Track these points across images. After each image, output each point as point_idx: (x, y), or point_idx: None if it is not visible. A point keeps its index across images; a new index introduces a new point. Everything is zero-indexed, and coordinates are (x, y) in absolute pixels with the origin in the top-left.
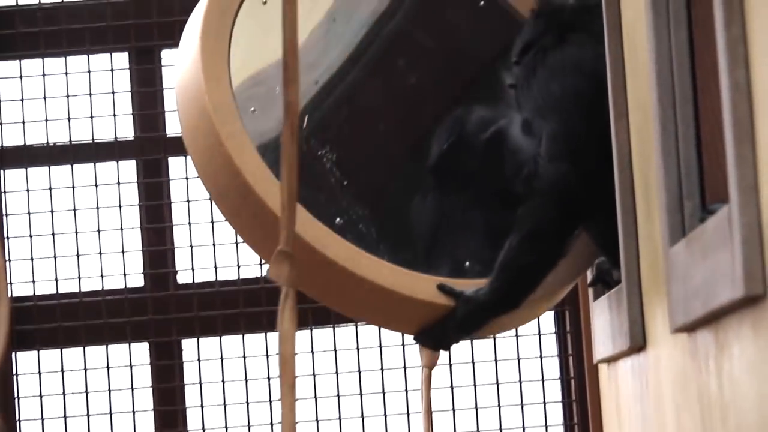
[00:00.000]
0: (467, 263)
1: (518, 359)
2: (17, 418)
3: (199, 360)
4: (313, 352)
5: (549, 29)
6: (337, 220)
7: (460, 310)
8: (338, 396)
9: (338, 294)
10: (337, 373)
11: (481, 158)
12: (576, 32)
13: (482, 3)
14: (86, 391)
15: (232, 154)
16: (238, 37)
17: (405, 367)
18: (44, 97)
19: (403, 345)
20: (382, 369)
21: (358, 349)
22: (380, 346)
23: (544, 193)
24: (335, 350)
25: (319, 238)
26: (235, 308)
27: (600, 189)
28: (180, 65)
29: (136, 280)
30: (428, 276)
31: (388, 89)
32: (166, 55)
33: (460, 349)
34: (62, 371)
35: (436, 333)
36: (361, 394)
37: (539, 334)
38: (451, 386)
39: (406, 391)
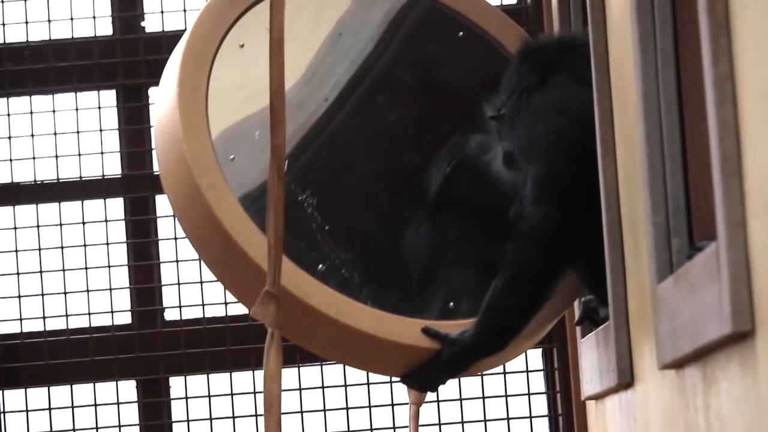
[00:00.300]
0: (452, 303)
1: (506, 396)
2: None
3: (186, 397)
4: (300, 390)
5: (532, 71)
6: (320, 266)
7: (445, 353)
8: None
9: (322, 341)
10: (324, 410)
11: (485, 179)
12: (559, 73)
13: (461, 34)
14: (74, 429)
15: (212, 205)
16: (217, 82)
17: (393, 405)
18: (32, 135)
19: (391, 382)
20: (369, 406)
21: (346, 386)
22: (368, 383)
23: (529, 236)
24: (323, 387)
25: (300, 286)
26: (223, 346)
27: (586, 229)
28: (158, 113)
29: (124, 318)
30: (413, 319)
31: (368, 129)
32: (154, 93)
33: (448, 385)
34: (50, 409)
35: (423, 375)
36: (348, 430)
37: (527, 371)
38: (439, 423)
39: (394, 428)
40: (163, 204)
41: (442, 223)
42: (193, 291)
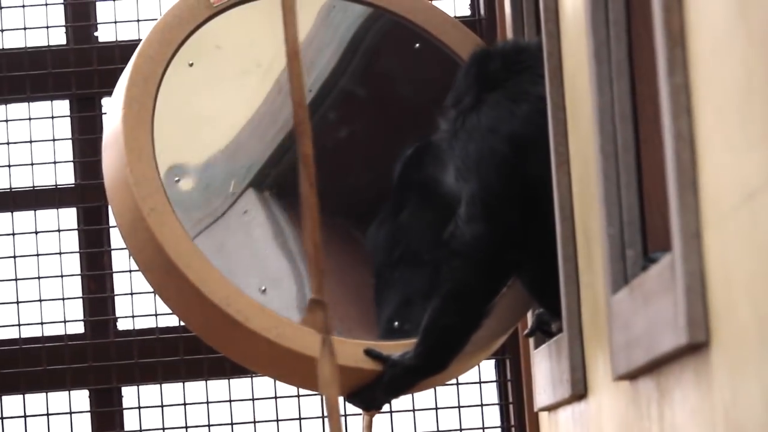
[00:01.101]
0: (396, 323)
1: (459, 407)
2: None
3: (139, 407)
4: (253, 400)
5: (469, 89)
6: (263, 287)
7: (387, 374)
8: None
9: (264, 363)
10: (278, 420)
11: (446, 162)
12: (494, 91)
13: (417, 45)
14: None
15: (154, 229)
16: (164, 102)
17: (346, 415)
18: None
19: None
20: (323, 416)
21: (298, 396)
22: (320, 394)
23: (462, 255)
24: (276, 397)
25: (241, 311)
26: (176, 355)
27: (527, 244)
28: (105, 134)
29: (77, 327)
30: (355, 341)
31: (320, 146)
32: (107, 102)
33: (402, 397)
34: (2, 418)
35: (366, 395)
36: None
37: (480, 382)
38: None
39: None
40: None
41: (393, 233)
42: (146, 301)
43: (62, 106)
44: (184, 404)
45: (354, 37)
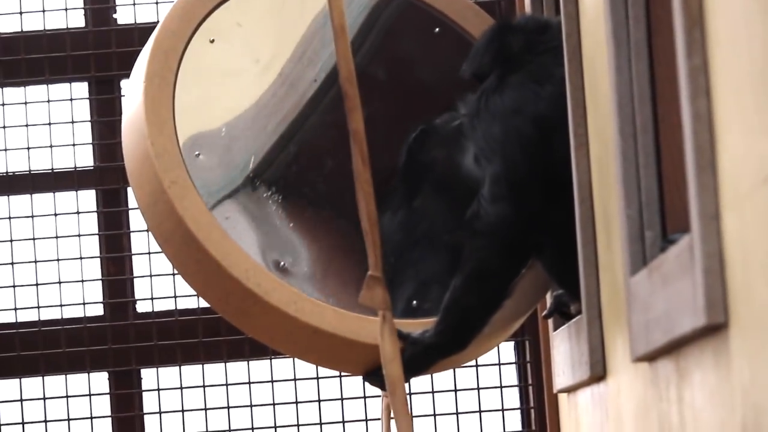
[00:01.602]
0: (415, 302)
1: (478, 389)
2: None
3: (158, 389)
4: (272, 382)
5: (492, 66)
6: (282, 263)
7: (406, 353)
8: (298, 425)
9: (282, 338)
10: (297, 402)
11: (449, 144)
12: (517, 73)
13: (437, 30)
14: (45, 421)
15: (175, 201)
16: (185, 77)
17: (365, 397)
18: (3, 127)
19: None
20: (342, 398)
21: (317, 378)
22: (340, 376)
23: (485, 234)
24: (295, 380)
25: (261, 285)
26: (195, 338)
27: (548, 225)
28: (126, 109)
29: (96, 309)
30: (374, 318)
31: (338, 127)
32: (126, 84)
33: (420, 378)
34: (21, 400)
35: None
36: (320, 423)
37: (499, 364)
38: (411, 416)
39: (366, 420)
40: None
41: (410, 216)
42: (166, 283)
43: (81, 89)
44: (203, 386)
45: (368, 17)
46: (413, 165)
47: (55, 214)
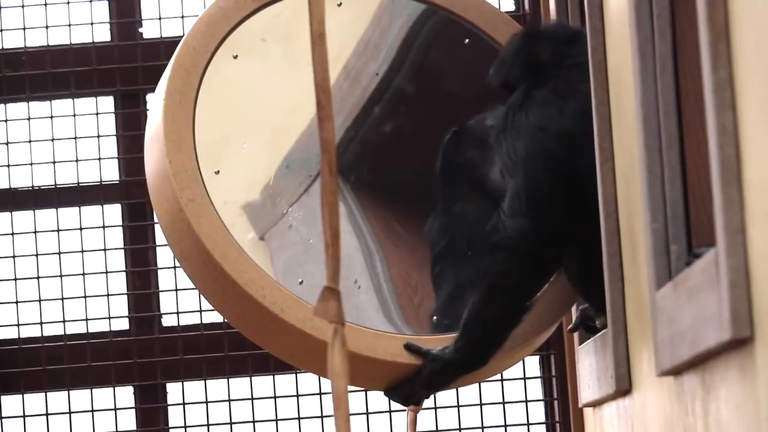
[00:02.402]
0: (435, 318)
1: (503, 403)
2: None
3: (183, 403)
4: (297, 396)
5: (519, 80)
6: (300, 280)
7: (427, 369)
8: None
9: (301, 355)
10: (322, 416)
11: (483, 143)
12: (542, 88)
13: (467, 41)
14: None
15: (191, 219)
16: (207, 94)
17: (390, 411)
18: (29, 141)
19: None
20: (367, 413)
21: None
22: (365, 390)
23: (503, 248)
24: (320, 394)
25: (277, 303)
26: (220, 352)
27: (573, 240)
28: (148, 126)
29: (121, 324)
30: (391, 334)
31: (365, 141)
32: (151, 99)
33: (446, 392)
34: (47, 415)
35: (405, 389)
36: None
37: (524, 378)
38: (437, 430)
39: None
40: None
41: (451, 222)
42: (191, 297)
43: (107, 103)
44: (229, 400)
45: (407, 35)
46: (450, 168)
47: (81, 228)
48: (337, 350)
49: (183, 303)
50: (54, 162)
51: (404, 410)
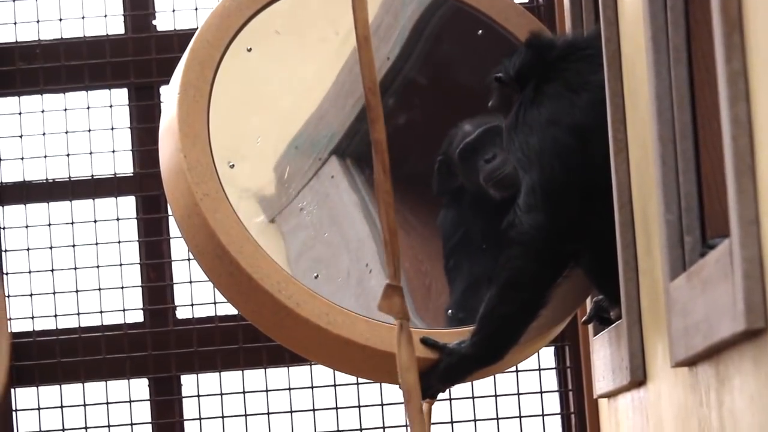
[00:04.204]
0: (450, 312)
1: (518, 394)
2: None
3: (198, 395)
4: (312, 388)
5: (530, 77)
6: (315, 274)
7: (443, 363)
8: (338, 431)
9: (315, 349)
10: (336, 408)
11: (461, 174)
12: (553, 82)
13: (480, 32)
14: (86, 427)
15: (207, 214)
16: (221, 87)
17: (382, 405)
18: (43, 134)
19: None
20: (382, 404)
21: (357, 384)
22: (381, 383)
23: (519, 244)
24: (335, 385)
25: (292, 297)
26: (235, 344)
27: (587, 232)
28: (162, 119)
29: (136, 316)
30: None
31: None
32: (165, 91)
33: (456, 385)
34: (62, 407)
35: (421, 383)
36: (361, 429)
37: (539, 369)
38: (452, 421)
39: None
40: None
41: (462, 215)
42: (205, 289)
43: (120, 95)
44: (243, 392)
45: (417, 23)
46: (445, 188)
47: (95, 221)
48: (404, 345)
49: (197, 295)
50: (68, 154)
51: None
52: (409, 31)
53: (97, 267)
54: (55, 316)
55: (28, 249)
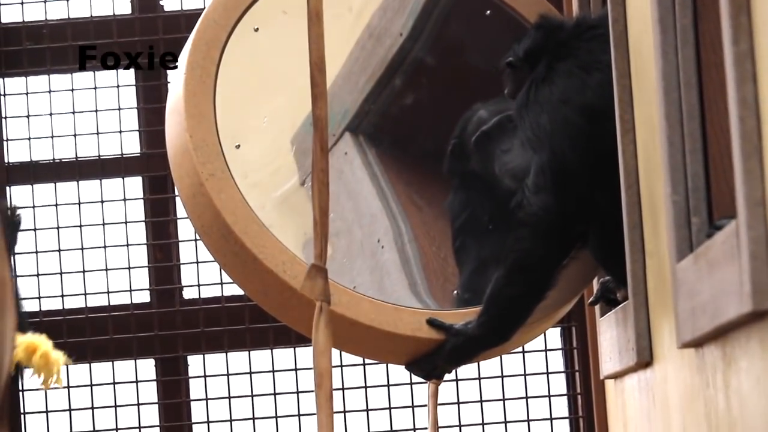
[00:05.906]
0: (456, 292)
1: (525, 375)
2: None
3: (205, 376)
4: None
5: (542, 56)
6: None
7: (449, 343)
8: (344, 412)
9: None
10: (343, 389)
11: (474, 159)
12: (565, 61)
13: (488, 13)
14: (92, 407)
15: (212, 194)
16: (228, 67)
17: (411, 383)
18: (50, 114)
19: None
20: (388, 384)
21: (364, 364)
22: (386, 363)
23: (528, 225)
24: (341, 366)
25: (296, 277)
26: (241, 324)
27: (595, 213)
28: (168, 99)
29: (143, 296)
30: (411, 309)
31: (385, 114)
32: (172, 72)
33: (462, 366)
34: (68, 387)
35: (427, 364)
36: (367, 410)
37: (546, 350)
38: (458, 402)
39: (413, 406)
40: None
41: (469, 196)
42: (212, 269)
43: (128, 76)
44: (250, 373)
45: (426, 5)
46: (456, 177)
47: (102, 201)
48: (322, 328)
49: (204, 275)
50: (75, 135)
51: (425, 383)
52: (421, 6)
53: (104, 247)
54: (62, 296)
55: (35, 229)
